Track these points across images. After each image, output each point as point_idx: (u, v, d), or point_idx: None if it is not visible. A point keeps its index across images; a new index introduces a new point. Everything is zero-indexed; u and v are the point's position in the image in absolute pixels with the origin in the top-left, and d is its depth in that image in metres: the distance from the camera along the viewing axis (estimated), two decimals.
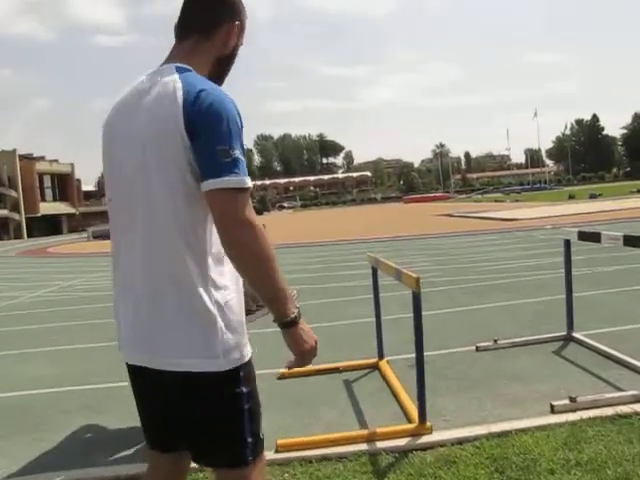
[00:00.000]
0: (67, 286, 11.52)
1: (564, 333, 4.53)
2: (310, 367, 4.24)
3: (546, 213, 22.04)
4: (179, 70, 1.52)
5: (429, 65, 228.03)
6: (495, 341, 4.53)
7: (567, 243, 4.46)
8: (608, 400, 3.17)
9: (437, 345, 4.65)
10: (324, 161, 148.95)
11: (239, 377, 1.50)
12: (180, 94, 1.44)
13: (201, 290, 1.46)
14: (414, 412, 3.17)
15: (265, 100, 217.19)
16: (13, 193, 56.94)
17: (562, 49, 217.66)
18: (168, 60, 1.62)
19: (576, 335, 4.46)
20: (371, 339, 4.48)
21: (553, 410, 3.12)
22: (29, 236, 54.25)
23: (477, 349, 4.50)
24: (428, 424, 3.04)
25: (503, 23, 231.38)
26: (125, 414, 3.66)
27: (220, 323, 1.47)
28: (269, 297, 1.47)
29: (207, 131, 1.41)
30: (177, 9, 1.65)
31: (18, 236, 54.79)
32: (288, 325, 1.50)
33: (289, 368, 1.62)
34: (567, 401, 3.15)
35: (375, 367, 4.25)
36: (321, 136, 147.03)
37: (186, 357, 1.46)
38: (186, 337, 1.46)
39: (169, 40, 1.66)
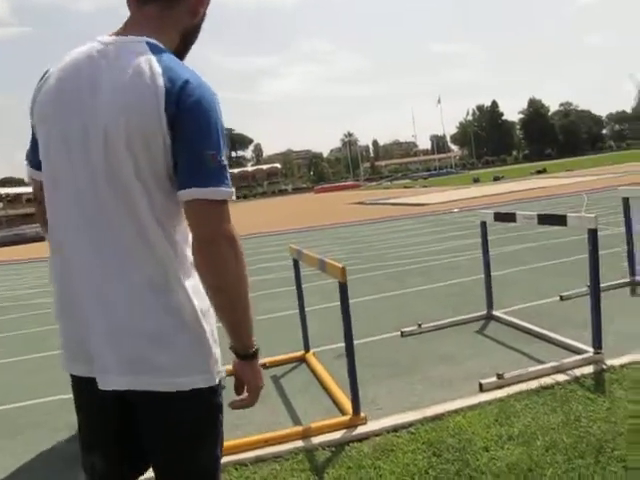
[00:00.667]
0: None
1: (484, 312, 4.65)
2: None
3: (454, 197, 22.75)
4: (153, 48, 1.28)
5: (336, 55, 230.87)
6: (419, 325, 4.58)
7: (483, 225, 4.57)
8: (531, 374, 3.28)
9: (362, 333, 4.64)
10: (233, 154, 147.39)
11: (219, 390, 1.40)
12: (161, 83, 1.22)
13: (186, 297, 1.31)
14: (347, 404, 3.14)
15: None
16: None
17: (464, 39, 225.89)
18: (127, 30, 1.34)
19: (496, 313, 4.59)
20: (294, 332, 4.42)
21: (482, 389, 3.19)
22: None
23: (402, 334, 4.53)
24: (362, 414, 3.01)
25: (409, 14, 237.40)
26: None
27: (208, 333, 1.34)
28: (238, 321, 1.32)
29: (193, 132, 1.23)
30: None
31: None
32: (251, 357, 1.36)
33: (236, 408, 1.41)
34: (494, 378, 3.22)
35: (302, 360, 4.19)
36: (229, 130, 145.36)
37: (182, 375, 1.30)
38: (181, 352, 1.30)
39: (58, 32, 1.43)
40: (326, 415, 3.17)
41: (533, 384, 3.17)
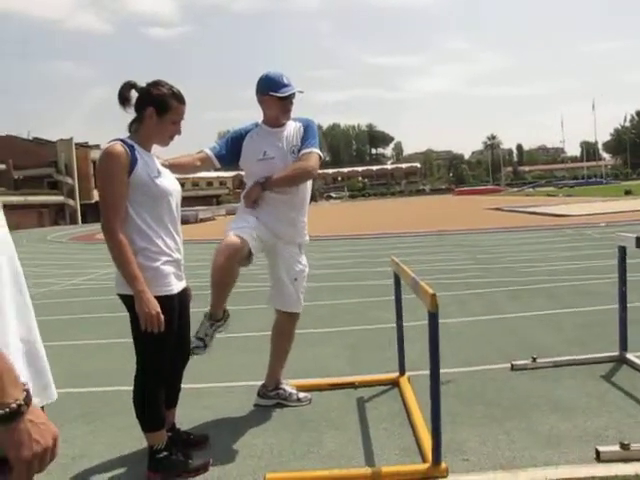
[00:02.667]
0: (104, 274, 11.40)
1: (616, 353, 3.95)
2: (324, 380, 3.84)
3: (600, 209, 20.95)
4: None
5: (481, 54, 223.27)
6: (534, 359, 4.00)
7: (622, 250, 3.88)
8: None
9: (465, 360, 4.17)
10: (373, 152, 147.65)
11: None
12: None
13: None
14: (429, 447, 2.71)
15: (314, 90, 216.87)
16: (69, 180, 58.58)
17: (621, 37, 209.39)
18: None
19: (630, 357, 3.88)
20: (395, 348, 4.03)
21: (599, 458, 2.56)
22: (83, 222, 55.81)
23: (512, 367, 3.97)
24: (443, 465, 2.57)
25: (556, 11, 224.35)
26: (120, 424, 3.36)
27: None
28: None
29: None
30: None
31: (73, 221, 56.48)
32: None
33: None
34: (617, 447, 2.59)
35: (395, 384, 3.80)
36: (370, 126, 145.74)
37: None
38: None
39: (221, 31, 1.21)
40: (404, 456, 2.77)
41: None
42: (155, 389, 2.63)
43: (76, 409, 3.75)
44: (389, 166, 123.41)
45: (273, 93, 3.27)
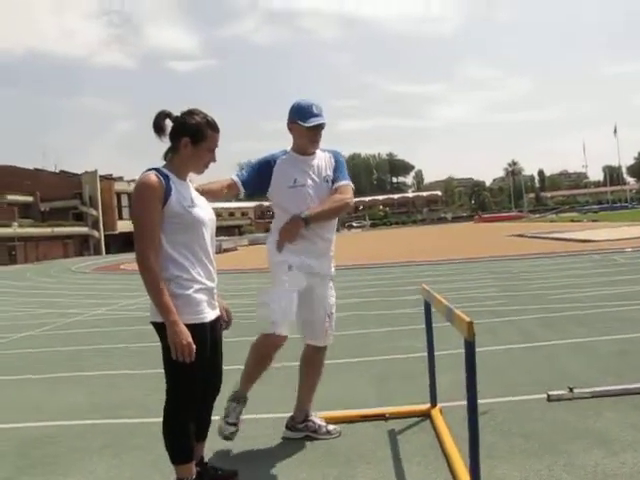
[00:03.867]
0: (127, 305, 11.44)
1: None
2: (354, 412, 3.73)
3: (627, 234, 20.60)
4: None
5: (501, 81, 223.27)
6: (571, 389, 3.86)
7: None
8: None
9: (500, 390, 4.04)
10: (394, 180, 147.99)
11: None
12: None
13: None
14: None
15: (335, 119, 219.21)
16: (93, 212, 59.61)
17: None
18: None
19: None
20: (426, 378, 3.93)
21: None
22: (107, 252, 56.64)
23: (549, 398, 3.84)
24: None
25: (577, 33, 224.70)
26: (147, 457, 3.28)
27: None
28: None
29: None
30: (247, 32, 1.20)
31: (97, 252, 57.25)
32: None
33: None
34: None
35: (426, 415, 3.68)
36: (391, 155, 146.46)
37: None
38: None
39: (239, 63, 1.21)
40: None
41: None
42: (185, 420, 2.57)
43: (101, 440, 3.71)
44: (410, 194, 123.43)
45: (301, 122, 3.25)
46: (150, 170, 2.56)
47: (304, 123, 3.24)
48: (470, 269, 13.64)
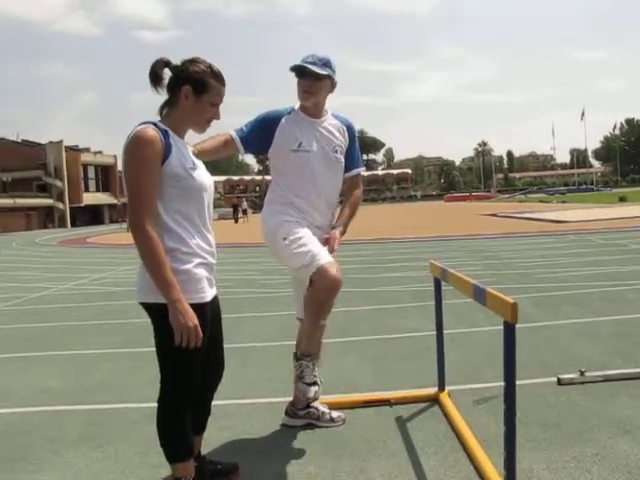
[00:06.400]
0: (98, 278, 11.00)
1: None
2: (357, 397, 3.46)
3: (598, 215, 20.78)
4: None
5: (472, 63, 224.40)
6: (582, 372, 3.66)
7: None
8: None
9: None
10: (364, 157, 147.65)
11: None
12: None
13: None
14: (493, 474, 2.37)
15: None
16: (58, 183, 57.86)
17: (613, 45, 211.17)
18: None
19: None
20: (426, 360, 3.72)
21: None
22: (72, 225, 55.24)
23: (559, 382, 3.64)
24: None
25: (549, 17, 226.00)
26: (131, 449, 2.97)
27: None
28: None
29: None
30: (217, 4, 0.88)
31: (62, 225, 55.76)
32: None
33: None
34: None
35: (434, 400, 3.45)
36: (361, 132, 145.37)
37: None
38: None
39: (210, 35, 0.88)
40: None
41: None
42: (183, 413, 2.25)
43: (78, 429, 3.37)
44: (380, 172, 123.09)
45: (291, 71, 2.94)
46: (145, 123, 2.17)
47: (292, 71, 2.94)
48: (448, 247, 13.49)
